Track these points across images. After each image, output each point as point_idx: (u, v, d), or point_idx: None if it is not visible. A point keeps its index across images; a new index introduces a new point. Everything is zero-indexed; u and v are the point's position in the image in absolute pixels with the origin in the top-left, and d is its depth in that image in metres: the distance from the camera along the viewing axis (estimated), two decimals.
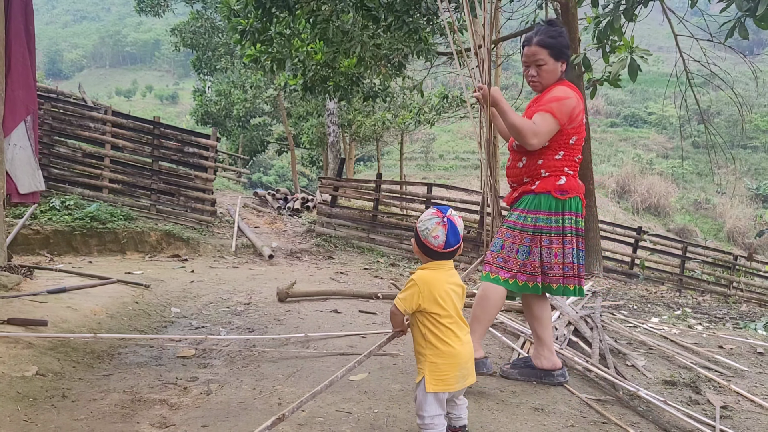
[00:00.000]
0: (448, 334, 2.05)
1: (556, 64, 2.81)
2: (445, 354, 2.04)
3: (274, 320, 4.24)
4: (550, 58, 2.81)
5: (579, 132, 2.79)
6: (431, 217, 2.11)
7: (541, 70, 2.83)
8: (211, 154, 8.85)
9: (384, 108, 18.21)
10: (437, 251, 2.08)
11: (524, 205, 2.81)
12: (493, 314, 2.83)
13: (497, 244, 2.83)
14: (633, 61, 4.00)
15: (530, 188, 2.81)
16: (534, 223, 2.76)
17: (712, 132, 6.10)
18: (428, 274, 2.09)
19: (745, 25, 3.96)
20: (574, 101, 2.74)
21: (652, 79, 51.17)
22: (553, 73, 2.83)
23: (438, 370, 2.04)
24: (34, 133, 4.26)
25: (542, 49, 2.80)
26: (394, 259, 8.96)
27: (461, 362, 2.06)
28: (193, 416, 2.46)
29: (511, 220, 2.83)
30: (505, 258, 2.78)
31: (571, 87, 2.83)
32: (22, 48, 4.05)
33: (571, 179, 2.80)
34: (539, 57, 2.81)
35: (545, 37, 2.80)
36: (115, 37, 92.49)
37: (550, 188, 2.76)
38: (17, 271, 4.24)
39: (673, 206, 34.73)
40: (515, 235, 2.79)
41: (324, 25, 6.54)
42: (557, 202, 2.76)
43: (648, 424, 2.58)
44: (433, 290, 2.05)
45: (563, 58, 2.82)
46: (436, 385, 2.03)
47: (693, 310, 6.73)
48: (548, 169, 2.79)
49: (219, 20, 17.77)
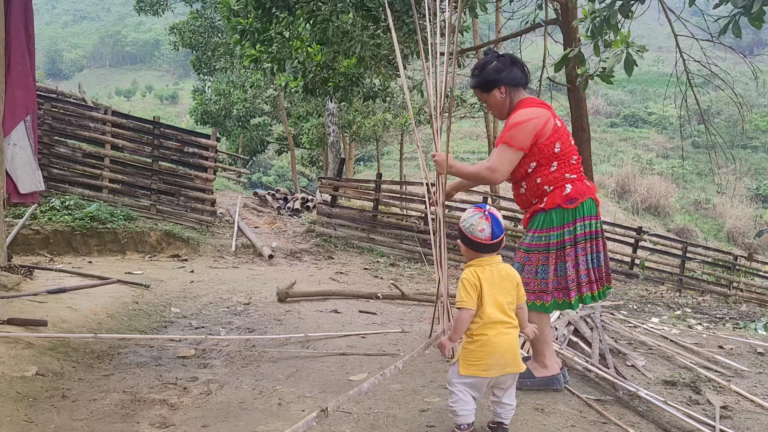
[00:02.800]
0: (487, 323, 2.20)
1: (492, 94, 2.84)
2: (479, 342, 2.19)
3: (274, 320, 4.24)
4: (484, 94, 2.88)
5: (559, 137, 2.75)
6: (473, 214, 2.28)
7: (487, 105, 2.94)
8: (211, 154, 8.84)
9: (384, 108, 18.20)
10: (485, 243, 2.25)
11: (537, 225, 2.79)
12: (547, 332, 2.84)
13: (517, 269, 2.76)
14: (629, 55, 3.98)
15: (540, 207, 2.79)
16: (547, 241, 2.75)
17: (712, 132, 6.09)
18: (478, 271, 2.24)
19: (738, 24, 3.95)
20: (533, 121, 2.69)
21: (652, 79, 51.15)
22: (497, 103, 2.86)
23: (471, 356, 2.20)
24: (34, 133, 4.26)
25: (475, 89, 2.92)
26: (394, 259, 8.96)
27: (496, 351, 2.18)
28: (193, 416, 2.46)
29: (526, 243, 2.82)
30: (527, 281, 2.72)
31: (531, 105, 2.79)
32: (22, 48, 4.05)
33: (577, 183, 2.77)
34: (478, 97, 2.98)
35: (472, 77, 2.90)
36: (115, 37, 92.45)
37: (559, 201, 2.73)
38: (17, 271, 4.24)
39: (673, 206, 34.71)
40: (531, 257, 2.78)
41: (324, 25, 6.53)
42: (568, 212, 2.73)
43: (648, 424, 2.58)
44: (483, 286, 2.21)
45: (495, 85, 2.82)
46: (468, 369, 2.20)
47: (693, 310, 6.73)
48: (550, 184, 2.76)
49: (218, 20, 17.75)
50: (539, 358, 2.87)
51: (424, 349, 2.66)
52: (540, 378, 2.83)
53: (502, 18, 12.48)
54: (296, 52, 7.10)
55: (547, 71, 7.12)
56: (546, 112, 2.75)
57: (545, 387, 2.83)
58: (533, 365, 2.87)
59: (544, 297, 2.75)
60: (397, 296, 5.21)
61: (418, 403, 2.65)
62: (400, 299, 5.19)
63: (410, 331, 4.01)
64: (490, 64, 2.84)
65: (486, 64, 2.85)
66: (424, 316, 4.59)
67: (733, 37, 4.22)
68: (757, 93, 37.32)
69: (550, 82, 7.50)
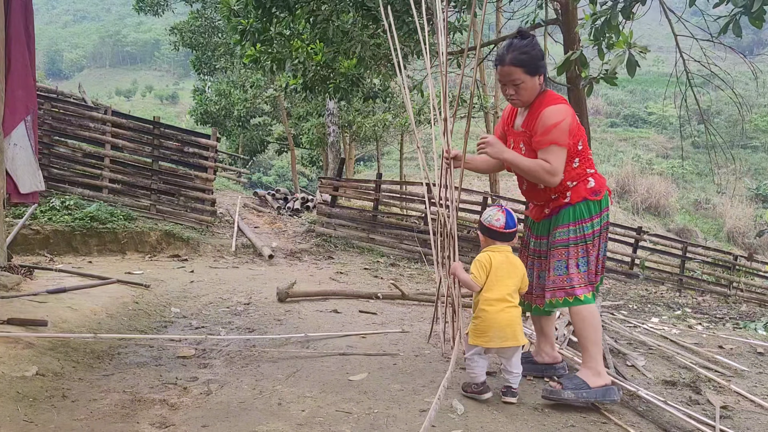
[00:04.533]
0: (493, 301, 2.60)
1: (533, 79, 2.71)
2: (484, 317, 2.61)
3: (274, 320, 4.24)
4: (526, 75, 2.70)
5: (580, 135, 2.77)
6: (492, 208, 2.77)
7: (519, 88, 2.73)
8: (211, 154, 8.84)
9: (384, 108, 18.19)
10: (500, 231, 2.69)
11: (565, 220, 2.76)
12: (600, 331, 2.77)
13: (560, 267, 2.74)
14: (631, 56, 3.98)
15: (564, 201, 2.77)
16: (583, 233, 2.73)
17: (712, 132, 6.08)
18: (490, 255, 2.67)
19: (739, 23, 3.94)
20: (568, 119, 2.68)
21: (652, 79, 51.12)
22: (533, 90, 2.74)
23: (476, 329, 2.65)
24: (34, 133, 4.26)
25: (516, 68, 2.69)
26: (394, 259, 8.96)
27: (497, 326, 2.59)
28: (193, 416, 2.46)
29: (560, 239, 2.76)
30: (571, 276, 2.72)
31: (557, 101, 2.74)
32: (22, 48, 4.04)
33: (597, 176, 2.80)
34: (515, 77, 2.71)
35: (517, 53, 2.69)
36: (115, 37, 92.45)
37: (585, 194, 2.73)
38: (17, 271, 4.24)
39: (673, 206, 34.69)
40: (570, 251, 2.74)
41: (324, 24, 6.53)
42: (594, 204, 2.75)
43: (648, 424, 2.58)
44: (493, 266, 2.64)
45: (540, 72, 2.72)
46: (474, 339, 2.66)
47: (693, 310, 6.73)
48: (573, 179, 2.75)
49: (219, 20, 17.74)
50: (591, 363, 2.66)
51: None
52: (596, 389, 2.60)
53: (502, 18, 12.48)
54: (296, 52, 7.09)
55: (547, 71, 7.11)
56: (571, 110, 2.74)
57: (602, 399, 2.61)
58: (585, 374, 2.65)
59: (588, 288, 2.72)
60: (397, 296, 5.21)
61: (418, 403, 2.65)
62: (400, 299, 5.18)
63: (410, 331, 4.01)
64: (537, 47, 2.71)
65: (534, 46, 2.71)
66: (424, 316, 4.59)
67: (733, 37, 4.22)
68: (757, 93, 37.29)
69: (550, 82, 7.50)
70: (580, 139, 2.75)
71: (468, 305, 5.00)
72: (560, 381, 2.71)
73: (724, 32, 4.08)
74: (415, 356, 3.38)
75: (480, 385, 2.66)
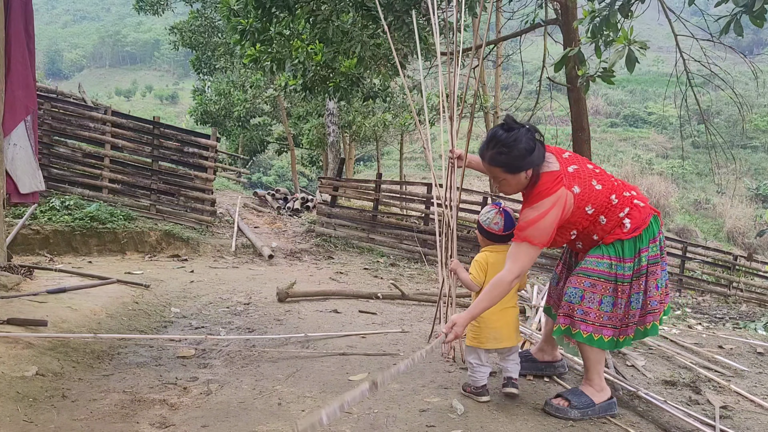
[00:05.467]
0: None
1: (516, 176, 2.47)
2: (478, 319, 2.61)
3: (274, 320, 4.24)
4: (507, 174, 2.49)
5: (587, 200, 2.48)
6: (490, 210, 2.79)
7: (504, 184, 2.55)
8: (211, 154, 8.84)
9: (384, 108, 18.19)
10: (498, 234, 2.75)
11: (600, 251, 2.54)
12: (602, 365, 2.64)
13: (574, 295, 2.54)
14: (631, 52, 3.96)
15: (599, 241, 2.57)
16: (616, 272, 2.49)
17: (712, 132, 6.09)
18: (488, 255, 2.75)
19: (740, 22, 3.94)
20: (554, 212, 2.41)
21: (652, 79, 51.14)
22: (518, 185, 2.53)
23: (472, 331, 2.70)
24: (34, 133, 4.26)
25: (494, 168, 2.52)
26: (394, 259, 8.96)
27: (492, 327, 2.66)
28: (193, 416, 2.46)
29: (589, 267, 2.53)
30: (586, 310, 2.52)
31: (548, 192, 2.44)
32: (22, 48, 4.04)
33: (634, 212, 2.51)
34: (495, 175, 2.55)
35: (495, 153, 2.48)
36: (115, 37, 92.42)
37: (620, 236, 2.50)
38: (17, 271, 4.24)
39: (673, 206, 34.69)
40: (597, 285, 2.51)
41: (324, 24, 6.53)
42: (629, 243, 2.50)
43: (648, 424, 2.58)
44: (491, 267, 2.69)
45: (523, 169, 2.45)
46: (471, 341, 2.71)
47: (693, 310, 6.73)
48: (606, 232, 2.53)
49: (218, 20, 17.73)
50: (596, 379, 2.62)
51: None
52: (600, 405, 2.59)
53: (502, 18, 12.48)
54: (296, 52, 7.09)
55: (547, 71, 7.11)
56: (561, 194, 2.43)
57: (605, 413, 2.60)
58: (589, 390, 2.61)
59: (603, 331, 2.51)
60: (397, 296, 5.21)
61: (418, 403, 2.65)
62: (400, 299, 5.19)
63: (410, 331, 4.01)
64: (520, 144, 2.43)
65: (516, 143, 2.43)
66: (424, 316, 4.59)
67: (734, 36, 4.22)
68: (757, 93, 37.30)
69: (550, 82, 7.50)
70: (588, 204, 2.48)
71: (465, 305, 5.01)
72: (567, 397, 2.58)
73: (725, 32, 4.07)
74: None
75: (480, 387, 2.70)
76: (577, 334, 2.53)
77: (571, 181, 2.48)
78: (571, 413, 2.54)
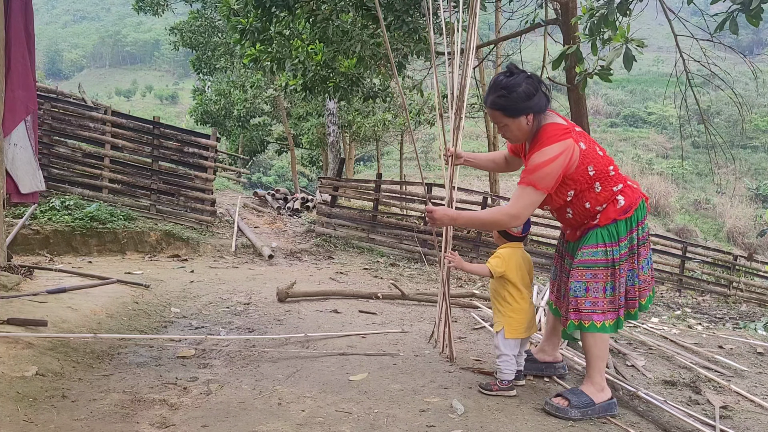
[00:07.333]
0: (520, 295, 2.81)
1: (517, 120, 2.54)
2: (518, 310, 2.80)
3: (274, 320, 4.24)
4: (508, 119, 2.56)
5: (591, 160, 2.56)
6: None
7: (505, 129, 2.62)
8: (211, 154, 8.84)
9: (384, 108, 18.20)
10: (516, 236, 2.89)
11: (593, 240, 2.61)
12: (608, 345, 2.71)
13: (579, 288, 2.61)
14: (628, 50, 3.95)
15: (593, 224, 2.63)
16: (612, 256, 2.57)
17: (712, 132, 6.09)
18: (508, 251, 2.86)
19: (736, 21, 3.92)
20: (558, 160, 2.46)
21: (652, 79, 51.19)
22: (520, 130, 2.59)
23: (514, 322, 2.79)
24: (34, 133, 4.26)
25: (495, 112, 2.58)
26: (394, 259, 8.96)
27: (528, 316, 2.83)
28: (193, 416, 2.46)
29: (586, 259, 2.61)
30: (594, 300, 2.59)
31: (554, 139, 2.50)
32: (22, 48, 4.04)
33: (627, 190, 2.61)
34: (497, 120, 2.61)
35: (495, 97, 2.54)
36: (115, 37, 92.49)
37: (614, 216, 2.58)
38: (17, 271, 4.24)
39: (673, 206, 34.72)
40: (598, 274, 2.59)
41: (324, 24, 6.53)
42: (623, 224, 2.58)
43: (648, 424, 2.59)
44: (512, 262, 2.83)
45: (523, 113, 2.52)
46: (513, 333, 2.79)
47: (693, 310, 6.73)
48: (601, 203, 2.60)
49: (218, 20, 17.74)
50: (597, 378, 2.63)
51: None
52: (600, 405, 2.60)
53: (501, 18, 12.48)
54: (296, 52, 7.10)
55: (547, 71, 7.10)
56: (570, 144, 2.50)
57: (605, 413, 2.60)
58: (590, 390, 2.62)
59: (608, 316, 2.59)
60: (397, 296, 5.21)
61: (418, 403, 2.65)
62: (400, 299, 5.18)
63: (410, 331, 4.01)
64: (520, 87, 2.50)
65: (515, 86, 2.50)
66: (424, 316, 4.60)
67: (733, 36, 4.21)
68: (757, 93, 37.32)
69: (550, 82, 7.50)
70: (590, 164, 2.55)
71: (464, 305, 5.01)
72: (567, 397, 2.58)
73: (720, 29, 4.05)
74: (415, 356, 3.38)
75: (510, 382, 2.79)
76: (590, 326, 2.59)
77: (579, 137, 2.57)
78: (571, 413, 2.54)
